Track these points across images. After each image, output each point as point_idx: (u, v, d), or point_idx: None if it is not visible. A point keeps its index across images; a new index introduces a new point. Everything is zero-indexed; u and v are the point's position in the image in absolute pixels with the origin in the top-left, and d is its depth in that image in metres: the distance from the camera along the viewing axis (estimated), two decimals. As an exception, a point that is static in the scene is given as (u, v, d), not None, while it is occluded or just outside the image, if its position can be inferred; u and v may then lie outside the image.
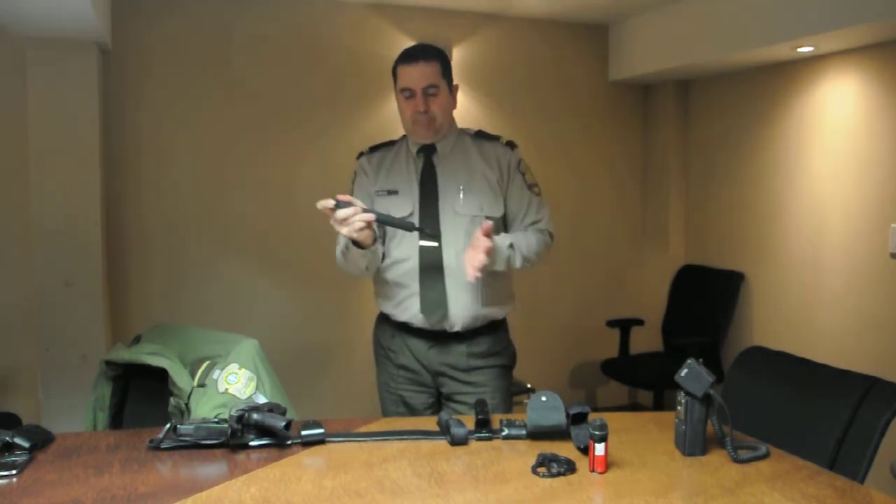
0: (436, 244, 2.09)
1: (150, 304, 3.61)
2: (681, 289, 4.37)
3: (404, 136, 2.22)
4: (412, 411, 2.21)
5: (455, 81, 2.19)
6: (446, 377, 2.18)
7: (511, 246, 2.06)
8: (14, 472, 1.44)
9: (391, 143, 2.26)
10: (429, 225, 2.08)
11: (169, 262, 3.67)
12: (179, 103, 3.64)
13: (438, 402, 2.24)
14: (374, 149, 2.26)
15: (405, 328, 2.18)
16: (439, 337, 2.14)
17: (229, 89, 3.70)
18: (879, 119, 3.27)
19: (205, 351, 2.01)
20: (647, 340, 4.38)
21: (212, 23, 3.66)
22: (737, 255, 4.11)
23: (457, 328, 2.12)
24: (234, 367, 1.89)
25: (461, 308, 2.10)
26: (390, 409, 2.25)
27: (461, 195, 2.11)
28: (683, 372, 1.59)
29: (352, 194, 2.14)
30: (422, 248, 2.09)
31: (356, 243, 1.97)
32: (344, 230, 1.89)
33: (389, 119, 3.98)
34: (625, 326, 4.29)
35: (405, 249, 2.12)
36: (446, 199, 2.11)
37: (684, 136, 4.49)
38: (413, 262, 2.11)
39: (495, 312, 2.18)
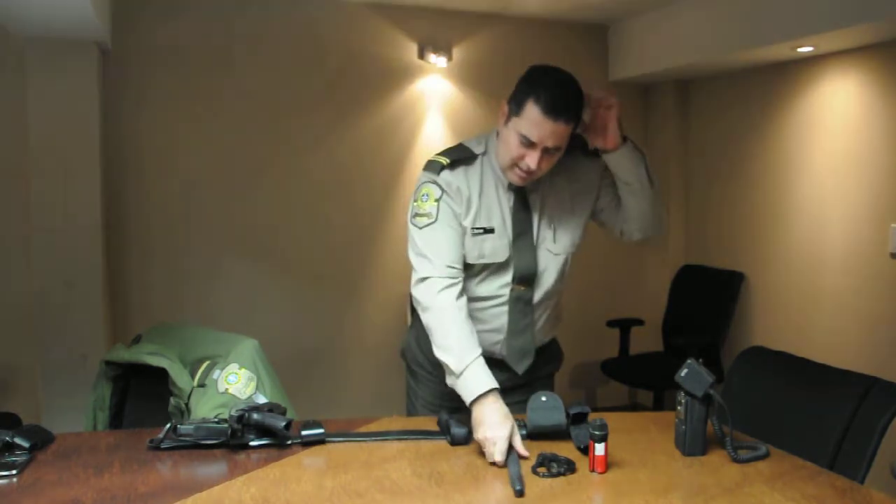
0: (527, 288, 1.89)
1: (150, 304, 3.61)
2: (681, 289, 4.37)
3: (483, 143, 1.89)
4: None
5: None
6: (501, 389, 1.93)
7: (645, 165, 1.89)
8: (14, 472, 1.44)
9: (471, 156, 1.86)
10: (523, 264, 1.86)
11: (169, 262, 3.67)
12: (179, 103, 3.64)
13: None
14: (454, 163, 1.84)
15: None
16: (496, 363, 1.87)
17: (229, 89, 3.70)
18: (879, 119, 3.27)
19: (205, 351, 2.01)
20: (647, 340, 4.38)
21: (212, 23, 3.66)
22: (737, 255, 4.10)
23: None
24: (234, 367, 1.89)
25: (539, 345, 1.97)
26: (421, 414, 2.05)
27: (554, 234, 1.90)
28: (683, 372, 1.59)
29: (436, 215, 1.79)
30: (513, 291, 1.88)
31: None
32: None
33: (390, 119, 3.99)
34: (625, 326, 4.29)
35: (493, 289, 1.87)
36: (540, 240, 1.89)
37: (684, 136, 4.49)
38: (500, 302, 1.89)
39: (554, 333, 2.09)
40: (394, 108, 4.01)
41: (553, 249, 1.90)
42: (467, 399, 1.65)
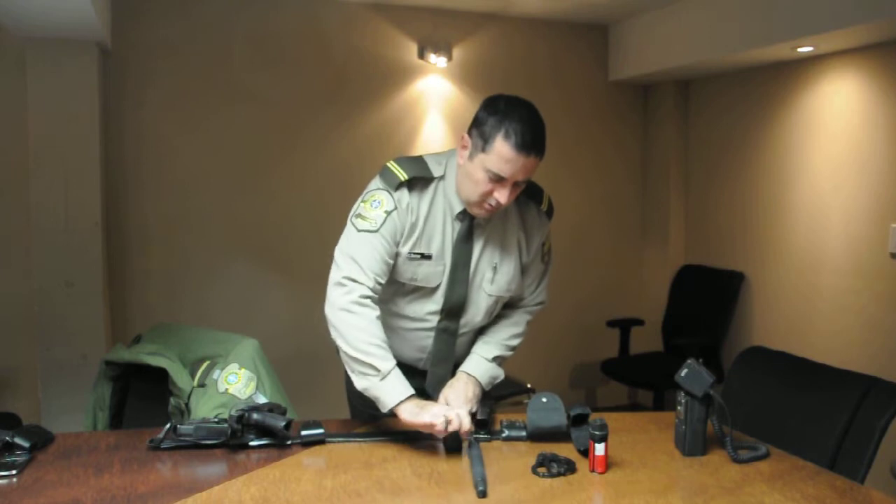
0: (454, 320, 1.87)
1: (150, 304, 3.61)
2: (681, 289, 4.37)
3: (444, 170, 1.83)
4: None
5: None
6: (433, 390, 1.93)
7: (497, 358, 1.90)
8: (14, 472, 1.45)
9: (429, 178, 1.81)
10: (454, 296, 1.84)
11: (169, 262, 3.67)
12: (179, 103, 3.64)
13: None
14: (413, 179, 1.79)
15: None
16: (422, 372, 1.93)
17: (229, 89, 3.70)
18: (879, 119, 3.27)
19: (205, 351, 2.01)
20: (647, 340, 4.38)
21: (212, 23, 3.65)
22: (737, 255, 4.10)
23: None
24: (234, 367, 1.89)
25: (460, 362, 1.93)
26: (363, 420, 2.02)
27: (493, 274, 1.85)
28: (683, 372, 1.59)
29: (379, 225, 1.76)
30: (440, 324, 1.85)
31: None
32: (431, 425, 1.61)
33: (390, 120, 3.99)
34: (625, 326, 4.29)
35: (420, 312, 1.86)
36: (477, 276, 1.84)
37: (684, 136, 4.49)
38: (425, 328, 1.87)
39: None
40: (394, 108, 4.01)
41: (488, 289, 1.85)
42: (393, 400, 1.63)
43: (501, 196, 1.68)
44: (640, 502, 1.36)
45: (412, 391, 1.66)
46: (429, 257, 1.81)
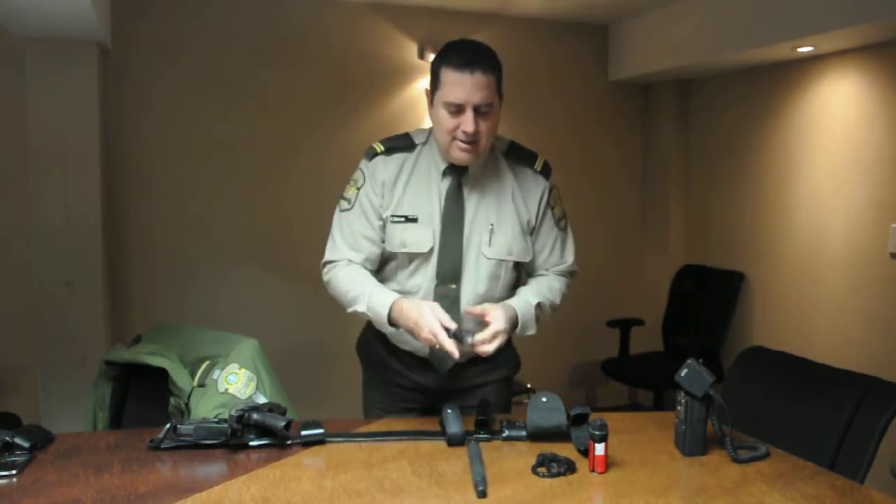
0: (454, 286, 1.83)
1: (150, 304, 3.61)
2: (681, 289, 4.37)
3: (427, 134, 1.87)
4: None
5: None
6: (444, 393, 1.94)
7: (539, 306, 1.84)
8: (14, 472, 1.44)
9: (410, 145, 1.86)
10: (448, 259, 1.81)
11: (169, 261, 3.67)
12: (180, 103, 3.64)
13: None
14: (390, 149, 1.85)
15: (404, 352, 1.93)
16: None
17: (229, 89, 3.70)
18: (879, 119, 3.27)
19: (205, 351, 2.01)
20: (647, 340, 4.38)
21: (212, 23, 3.66)
22: (737, 255, 4.10)
23: (462, 361, 1.87)
24: (234, 366, 1.89)
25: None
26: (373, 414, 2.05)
27: (490, 235, 1.81)
28: (683, 372, 1.59)
29: (353, 202, 1.85)
30: (437, 290, 1.82)
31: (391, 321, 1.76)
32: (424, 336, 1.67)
33: (390, 120, 3.98)
34: (625, 326, 4.29)
35: (418, 283, 1.84)
36: (473, 238, 1.81)
37: (684, 136, 4.49)
38: (426, 297, 1.83)
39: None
40: (394, 108, 4.00)
41: (487, 252, 1.82)
42: (384, 309, 1.74)
43: (466, 125, 1.70)
44: (640, 502, 1.36)
45: (396, 296, 1.76)
46: (414, 220, 1.81)
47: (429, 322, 1.64)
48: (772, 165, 3.86)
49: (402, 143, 1.86)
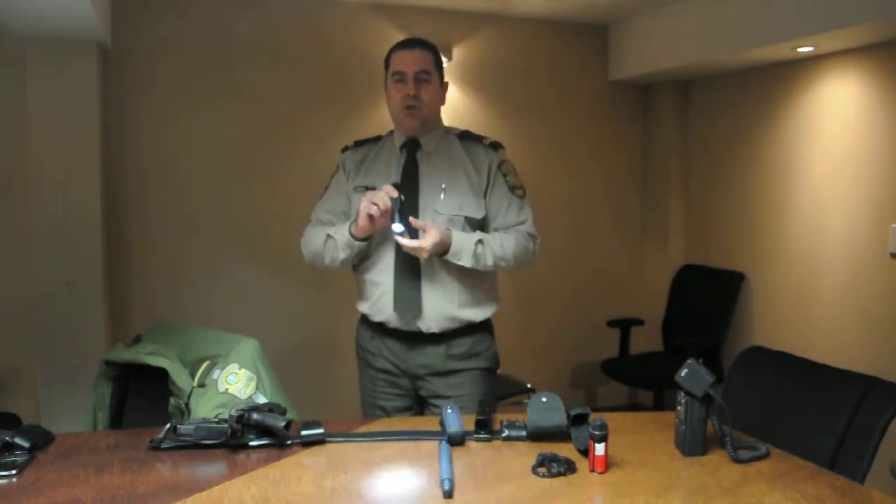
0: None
1: (150, 304, 3.61)
2: (681, 289, 4.37)
3: (391, 131, 2.22)
4: (388, 416, 2.15)
5: (446, 80, 2.22)
6: (424, 380, 2.12)
7: (480, 241, 2.02)
8: (14, 472, 1.45)
9: (377, 139, 2.24)
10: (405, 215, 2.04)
11: (169, 261, 3.67)
12: (179, 103, 3.63)
13: (415, 406, 2.19)
14: (359, 143, 2.25)
15: (383, 329, 2.13)
16: (416, 338, 2.09)
17: (229, 89, 3.70)
18: (879, 119, 3.27)
19: (205, 351, 2.01)
20: (647, 340, 4.38)
21: (212, 22, 3.65)
22: (737, 255, 4.11)
23: (432, 329, 2.07)
24: (234, 366, 1.89)
25: (435, 309, 2.05)
26: (367, 412, 2.21)
27: (442, 194, 2.07)
28: (683, 372, 1.59)
29: (327, 188, 2.24)
30: (398, 247, 2.02)
31: (353, 236, 2.03)
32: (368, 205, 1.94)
33: (388, 120, 3.95)
34: (625, 326, 4.29)
35: (381, 247, 2.09)
36: (427, 197, 2.07)
37: (684, 136, 4.49)
38: (388, 260, 2.08)
39: (472, 315, 2.11)
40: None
41: (440, 209, 2.07)
42: (345, 231, 2.03)
43: (409, 88, 2.06)
44: (640, 502, 1.36)
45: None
46: (373, 187, 2.04)
47: (368, 196, 1.94)
48: (772, 165, 3.86)
49: (369, 139, 2.26)
